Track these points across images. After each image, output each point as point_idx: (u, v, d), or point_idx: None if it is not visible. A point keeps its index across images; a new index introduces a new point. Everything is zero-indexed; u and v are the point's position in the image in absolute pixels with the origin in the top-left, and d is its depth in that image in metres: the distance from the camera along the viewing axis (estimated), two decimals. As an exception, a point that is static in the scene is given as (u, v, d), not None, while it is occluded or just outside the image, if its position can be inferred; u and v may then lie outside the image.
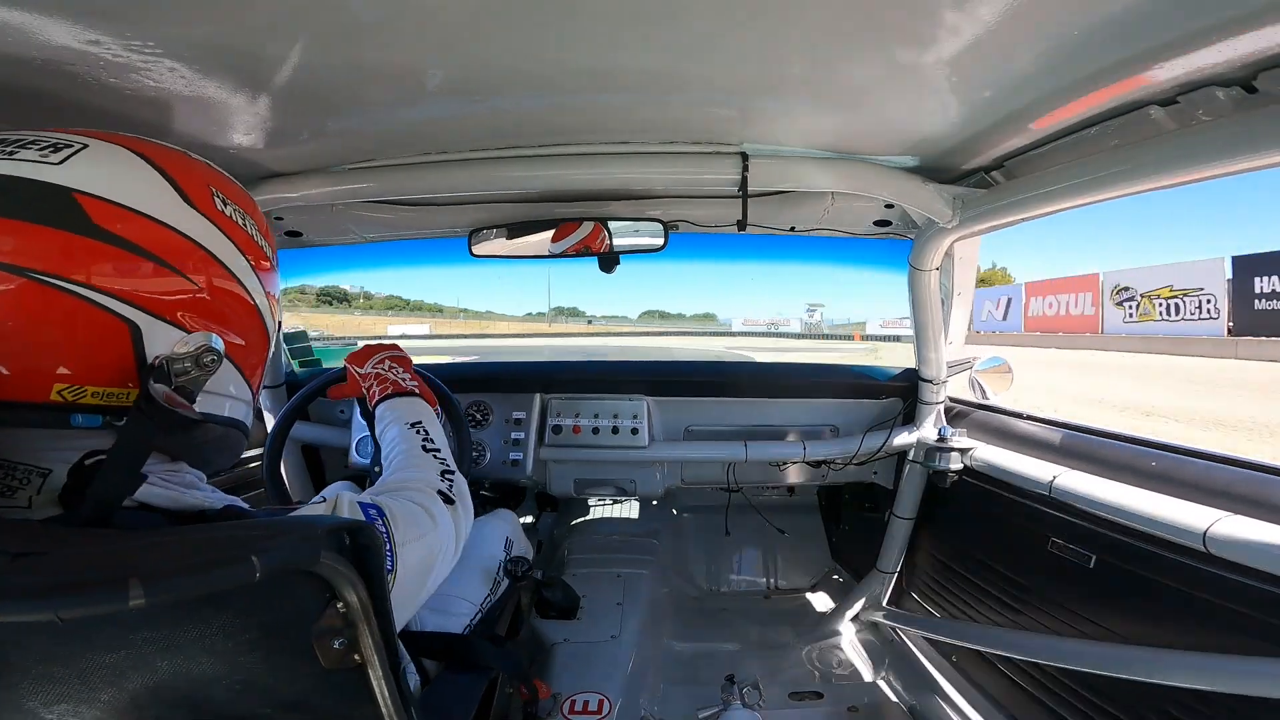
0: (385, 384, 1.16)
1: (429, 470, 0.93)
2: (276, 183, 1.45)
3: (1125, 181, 1.02)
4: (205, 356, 0.59)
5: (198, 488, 0.69)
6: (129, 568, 0.44)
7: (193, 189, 0.64)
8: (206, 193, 0.65)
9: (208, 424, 0.66)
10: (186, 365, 0.59)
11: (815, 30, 0.82)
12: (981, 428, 1.89)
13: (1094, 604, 1.40)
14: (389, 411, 1.10)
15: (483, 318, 59.42)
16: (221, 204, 0.66)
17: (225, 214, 0.66)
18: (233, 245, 0.66)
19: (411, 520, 0.77)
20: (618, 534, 2.71)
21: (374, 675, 0.60)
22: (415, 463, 0.96)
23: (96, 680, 0.53)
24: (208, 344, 0.60)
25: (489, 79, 0.98)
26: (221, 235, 0.65)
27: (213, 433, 0.68)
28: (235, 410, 0.71)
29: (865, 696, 1.93)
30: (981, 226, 1.43)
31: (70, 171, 0.57)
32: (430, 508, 0.83)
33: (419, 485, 0.88)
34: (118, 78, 0.89)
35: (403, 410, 1.08)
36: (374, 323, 51.18)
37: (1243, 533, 1.04)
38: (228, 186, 0.69)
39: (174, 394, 0.59)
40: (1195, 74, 0.84)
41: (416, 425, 1.04)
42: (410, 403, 1.11)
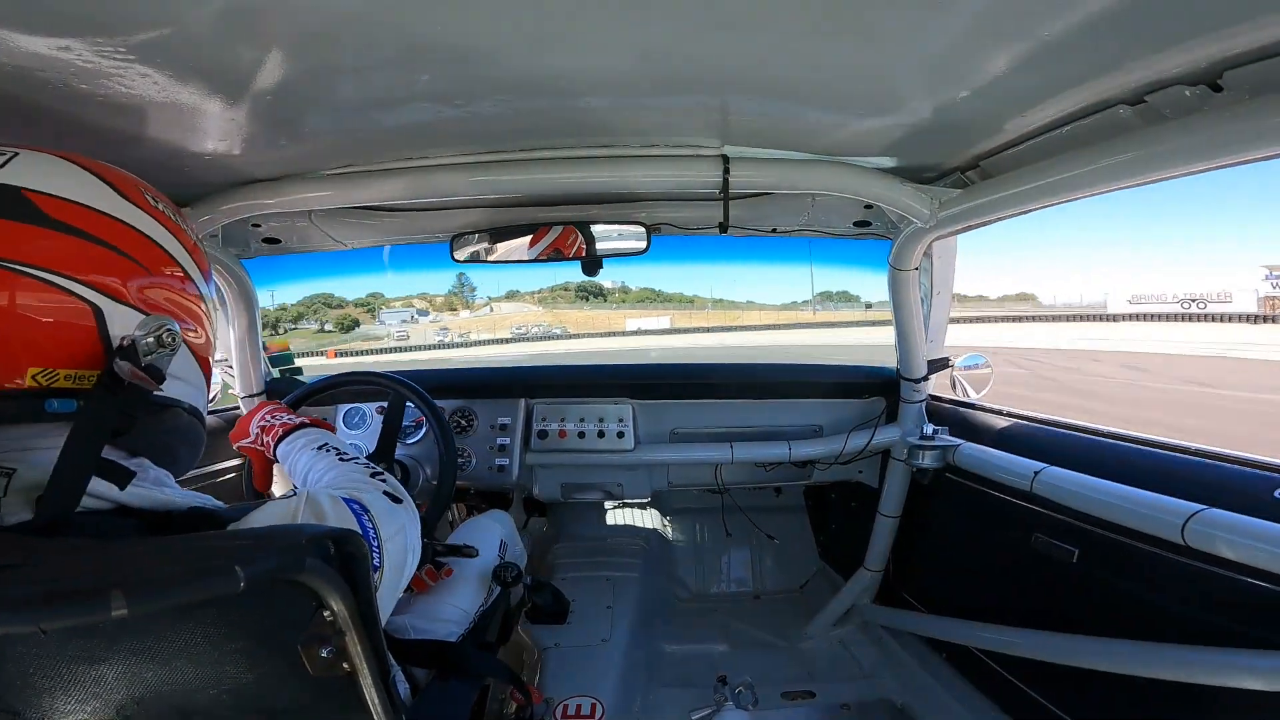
0: (271, 431, 1.16)
1: (359, 475, 0.92)
2: (254, 189, 1.43)
3: (1096, 181, 1.04)
4: (165, 335, 0.62)
5: (166, 485, 0.69)
6: (111, 579, 0.43)
7: (125, 188, 0.67)
8: (138, 191, 0.68)
9: (175, 409, 0.69)
10: (150, 343, 0.61)
11: (794, 33, 0.83)
12: (964, 425, 1.91)
13: (1079, 598, 1.42)
14: (287, 448, 1.10)
15: (741, 308, 57.77)
16: (153, 201, 0.69)
17: (159, 209, 0.69)
18: (173, 238, 0.69)
19: (388, 516, 0.78)
20: (606, 537, 2.71)
21: (363, 683, 0.60)
22: (344, 474, 0.95)
23: (82, 691, 0.52)
24: (165, 324, 0.63)
25: (467, 82, 0.98)
26: (161, 228, 0.68)
27: (179, 420, 0.70)
28: (196, 399, 0.74)
29: (857, 694, 1.94)
30: (958, 226, 1.45)
31: (11, 172, 0.60)
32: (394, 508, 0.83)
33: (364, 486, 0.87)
34: (89, 84, 0.87)
35: (301, 440, 1.08)
36: (621, 316, 51.86)
37: (1219, 526, 1.06)
38: (152, 190, 0.71)
39: (140, 371, 0.61)
40: (1162, 74, 0.86)
41: (323, 447, 1.03)
42: (304, 433, 1.11)
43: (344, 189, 1.42)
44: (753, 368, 2.66)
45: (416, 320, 48.16)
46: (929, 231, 1.53)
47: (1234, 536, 1.03)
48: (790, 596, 2.66)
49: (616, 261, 1.81)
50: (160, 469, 0.71)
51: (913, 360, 1.93)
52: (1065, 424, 1.68)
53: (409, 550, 0.82)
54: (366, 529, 0.71)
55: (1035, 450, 1.59)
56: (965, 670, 1.79)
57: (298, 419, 1.17)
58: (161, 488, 0.67)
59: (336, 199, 1.45)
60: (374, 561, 0.69)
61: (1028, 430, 1.73)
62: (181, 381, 0.70)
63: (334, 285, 45.88)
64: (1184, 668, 1.12)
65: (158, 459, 0.71)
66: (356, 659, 0.59)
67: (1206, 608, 1.14)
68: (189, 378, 0.72)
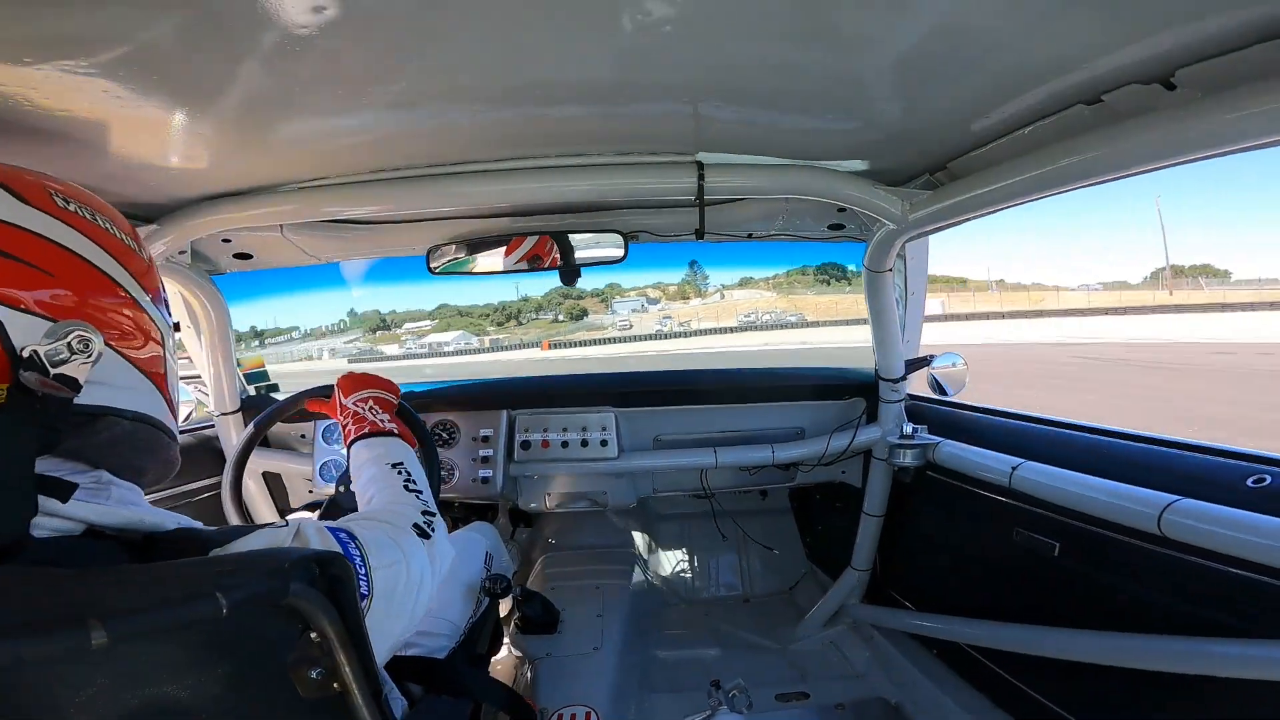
0: (362, 424, 1.16)
1: (408, 507, 0.94)
2: (222, 203, 1.41)
3: (1060, 180, 1.06)
4: (76, 341, 0.58)
5: (134, 503, 0.67)
6: (90, 606, 0.43)
7: (27, 191, 0.63)
8: (44, 194, 0.65)
9: (110, 417, 0.65)
10: (59, 350, 0.57)
11: (763, 39, 0.84)
12: (943, 424, 1.94)
13: (1061, 590, 1.44)
14: (365, 450, 1.10)
15: (1029, 289, 49.61)
16: (64, 202, 0.65)
17: (70, 210, 0.65)
18: (86, 239, 0.66)
19: (380, 547, 0.77)
20: (594, 546, 2.70)
21: (355, 703, 0.60)
22: (395, 499, 0.97)
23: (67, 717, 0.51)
24: (77, 329, 0.58)
25: (440, 93, 0.98)
26: (71, 230, 0.64)
27: (119, 429, 0.67)
28: (138, 403, 0.69)
29: (850, 693, 1.95)
30: (929, 227, 1.48)
31: None
32: (400, 540, 0.83)
33: (391, 519, 0.89)
34: (51, 99, 0.86)
35: (382, 450, 1.09)
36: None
37: (1194, 515, 1.08)
38: (70, 190, 0.68)
39: (49, 380, 0.57)
40: (1116, 72, 0.88)
41: (398, 466, 1.04)
42: (389, 443, 1.12)
43: (316, 202, 1.40)
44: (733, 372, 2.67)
45: (646, 309, 46.19)
46: (901, 233, 1.55)
47: (1208, 526, 1.05)
48: (779, 599, 2.67)
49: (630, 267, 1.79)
50: (125, 483, 0.68)
51: (891, 360, 1.96)
52: (1042, 419, 1.70)
53: (414, 584, 0.80)
54: (353, 557, 0.70)
55: (1013, 446, 1.61)
56: (956, 666, 1.81)
57: (389, 423, 1.17)
58: (128, 505, 0.65)
59: (308, 212, 1.43)
60: (361, 589, 0.67)
61: (1005, 426, 1.76)
62: (112, 387, 0.66)
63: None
64: (1164, 657, 1.14)
65: (118, 472, 0.68)
66: (347, 679, 0.59)
67: (1184, 597, 1.16)
68: (122, 382, 0.68)
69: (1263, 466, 1.11)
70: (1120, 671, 1.23)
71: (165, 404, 0.74)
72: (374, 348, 22.60)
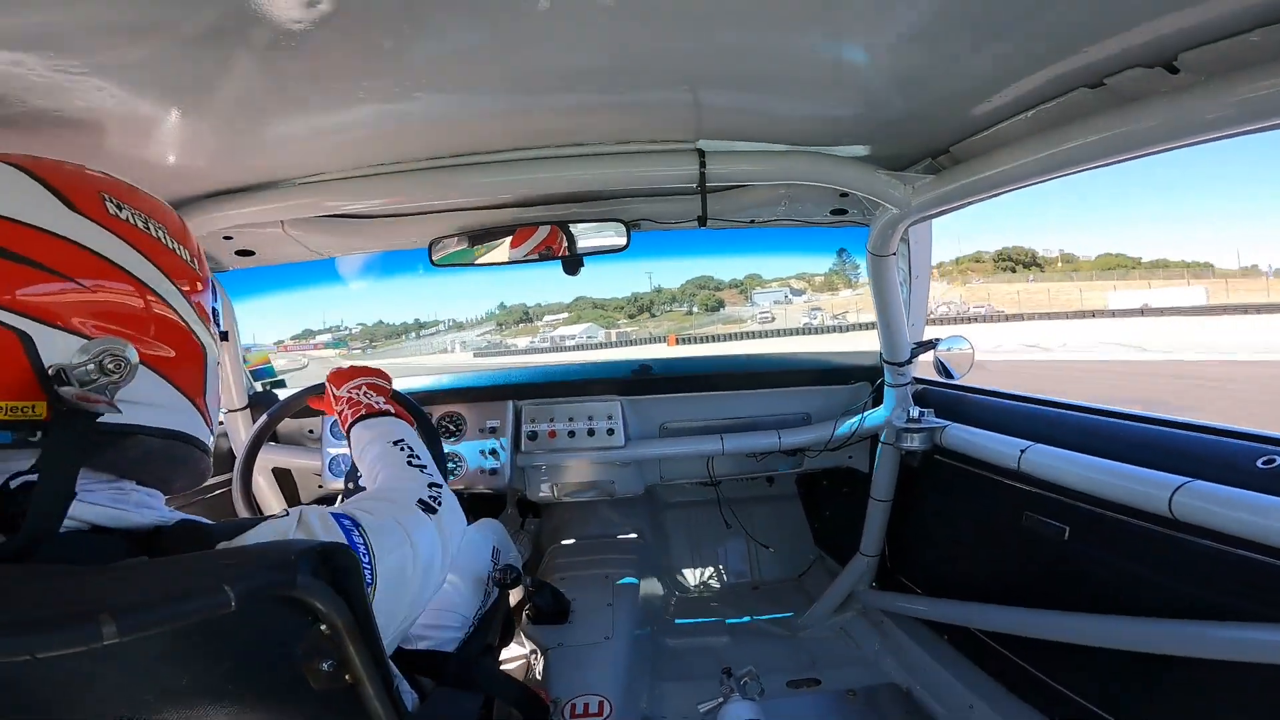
0: (357, 407, 1.16)
1: (413, 483, 0.93)
2: (223, 200, 1.41)
3: (1062, 164, 1.05)
4: (108, 361, 0.57)
5: (151, 507, 0.67)
6: (99, 602, 0.43)
7: (79, 197, 0.62)
8: (96, 200, 0.63)
9: (140, 436, 0.64)
10: (89, 371, 0.56)
11: (762, 25, 0.83)
12: (950, 407, 1.93)
13: (1072, 574, 1.44)
14: (365, 432, 1.10)
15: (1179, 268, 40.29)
16: (115, 209, 0.64)
17: (120, 218, 0.64)
18: (133, 250, 0.64)
19: (384, 532, 0.77)
20: (602, 535, 2.71)
21: (367, 694, 0.60)
22: (399, 477, 0.96)
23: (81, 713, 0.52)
24: (110, 349, 0.57)
25: (434, 84, 0.97)
26: (117, 239, 0.63)
27: (149, 446, 0.66)
28: (171, 420, 0.68)
29: (861, 679, 1.96)
30: (933, 211, 1.46)
31: None
32: (405, 519, 0.83)
33: (396, 497, 0.88)
34: (45, 99, 0.86)
35: (381, 430, 1.08)
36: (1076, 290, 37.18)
37: (1205, 497, 1.07)
38: (127, 194, 0.67)
39: (87, 394, 0.57)
40: (1119, 56, 0.87)
41: (399, 443, 1.04)
42: (386, 422, 1.12)
43: (317, 197, 1.40)
44: (738, 360, 2.67)
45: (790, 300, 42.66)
46: (904, 217, 1.54)
47: (1220, 508, 1.04)
48: (789, 585, 2.68)
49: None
50: (146, 490, 0.68)
51: (896, 344, 1.95)
52: (1050, 401, 1.69)
53: (422, 565, 0.80)
54: (356, 545, 0.70)
55: (1021, 429, 1.60)
56: (967, 651, 1.81)
57: (384, 404, 1.17)
58: (142, 509, 0.65)
59: (309, 208, 1.43)
60: (366, 578, 0.67)
61: (1013, 409, 1.75)
62: (144, 406, 0.64)
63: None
64: (1175, 641, 1.14)
65: (144, 482, 0.68)
66: (358, 670, 0.59)
67: (1196, 580, 1.15)
68: (156, 400, 0.66)
69: (1273, 448, 1.10)
70: (1131, 655, 1.23)
71: (201, 419, 0.73)
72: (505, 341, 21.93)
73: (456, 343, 24.70)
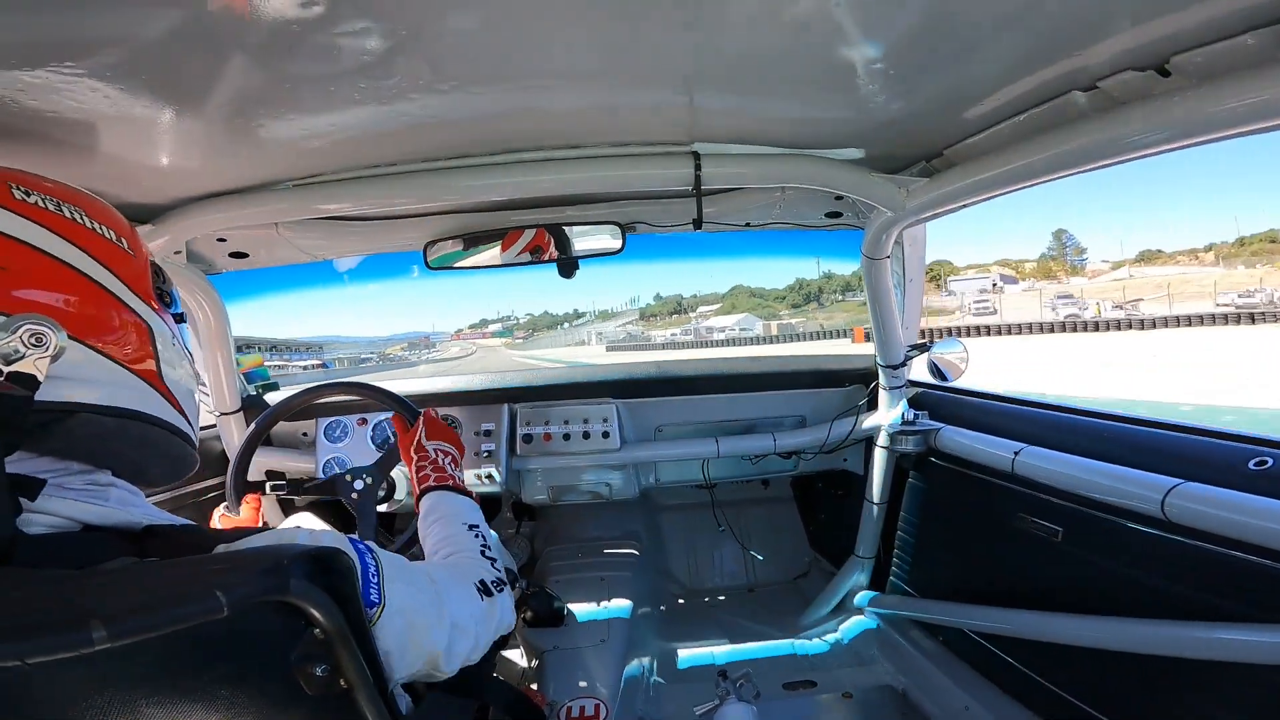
0: (442, 474, 1.17)
1: (480, 567, 0.94)
2: (216, 202, 1.40)
3: (1056, 166, 1.06)
4: (29, 336, 0.56)
5: (135, 505, 0.66)
6: (90, 608, 0.43)
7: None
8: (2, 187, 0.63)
9: (85, 415, 0.63)
10: (14, 347, 0.55)
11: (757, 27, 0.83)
12: (945, 409, 1.94)
13: (1066, 576, 1.44)
14: (443, 504, 1.10)
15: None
16: (23, 195, 0.64)
17: (29, 203, 0.64)
18: (47, 231, 0.63)
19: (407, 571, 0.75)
20: (598, 538, 2.71)
21: (362, 699, 0.60)
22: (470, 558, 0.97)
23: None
24: (29, 323, 0.56)
25: (428, 86, 0.97)
26: (25, 221, 0.62)
27: (102, 426, 0.64)
28: (120, 398, 0.66)
29: (857, 681, 1.96)
30: (926, 214, 1.47)
31: None
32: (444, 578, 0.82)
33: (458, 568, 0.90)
34: (39, 99, 0.85)
35: (459, 508, 1.09)
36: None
37: (1198, 499, 1.07)
38: (34, 182, 0.67)
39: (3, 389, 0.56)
40: (1111, 59, 0.88)
41: (475, 528, 1.04)
42: (464, 501, 1.12)
43: (310, 200, 1.40)
44: (734, 362, 2.68)
45: (1001, 289, 37.94)
46: (898, 220, 1.55)
47: (1212, 509, 1.05)
48: (784, 588, 2.68)
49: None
50: (126, 484, 0.67)
51: (890, 346, 1.96)
52: (1044, 403, 1.70)
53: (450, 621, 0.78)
54: (367, 564, 0.68)
55: (1015, 431, 1.61)
56: (962, 652, 1.82)
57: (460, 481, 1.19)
58: (127, 507, 0.65)
59: (303, 210, 1.43)
60: (372, 597, 0.66)
61: (1007, 411, 1.76)
62: (85, 383, 0.63)
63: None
64: (1168, 642, 1.15)
65: (120, 472, 0.67)
66: (352, 675, 0.59)
67: (1190, 582, 1.16)
68: (98, 378, 0.64)
69: (1265, 449, 1.11)
70: (1126, 656, 1.23)
71: (164, 399, 0.71)
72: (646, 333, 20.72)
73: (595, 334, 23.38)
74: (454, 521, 1.04)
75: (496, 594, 0.90)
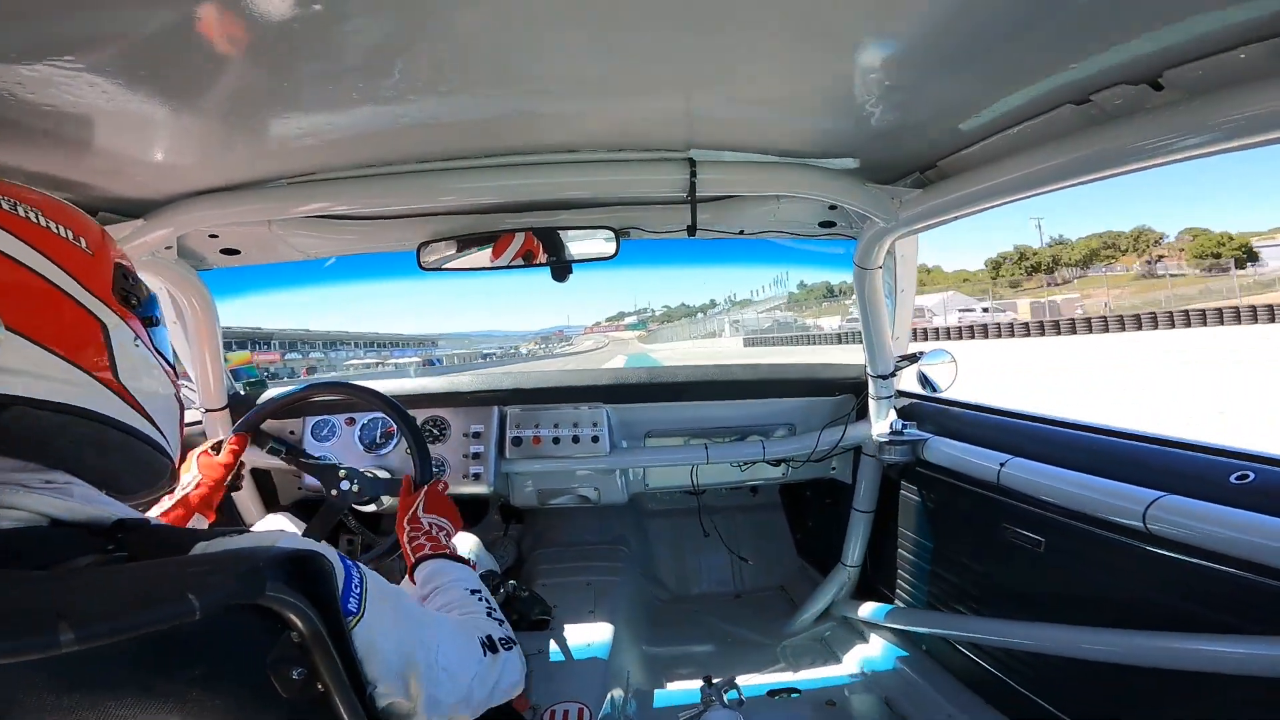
0: (437, 544, 1.17)
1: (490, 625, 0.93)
2: (209, 198, 1.39)
3: (1048, 179, 1.08)
4: None
5: (101, 500, 0.64)
6: (56, 609, 0.42)
7: None
8: None
9: (20, 407, 0.60)
10: None
11: (756, 36, 0.84)
12: (932, 420, 1.95)
13: (1049, 586, 1.45)
14: (439, 576, 1.08)
15: None
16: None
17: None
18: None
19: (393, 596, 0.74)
20: (585, 542, 2.70)
21: (339, 702, 0.59)
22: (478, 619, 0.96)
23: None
24: None
25: (425, 86, 0.97)
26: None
27: (41, 421, 0.62)
28: (63, 394, 0.63)
29: (842, 690, 1.96)
30: (919, 225, 1.48)
31: None
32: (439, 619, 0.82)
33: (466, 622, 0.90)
34: (36, 93, 0.85)
35: (458, 575, 1.08)
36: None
37: (1179, 512, 1.08)
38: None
39: None
40: (1104, 73, 0.89)
41: (478, 593, 1.03)
42: (464, 570, 1.11)
43: (304, 198, 1.39)
44: (724, 369, 2.68)
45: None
46: (891, 231, 1.56)
47: (1193, 522, 1.06)
48: (771, 595, 2.68)
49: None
50: (86, 485, 0.65)
51: (880, 356, 1.97)
52: (1030, 415, 1.72)
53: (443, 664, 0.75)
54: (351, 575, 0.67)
55: (1001, 442, 1.62)
56: (946, 662, 1.82)
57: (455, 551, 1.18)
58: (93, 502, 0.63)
59: (296, 208, 1.42)
60: (350, 606, 0.65)
61: (994, 422, 1.77)
62: (20, 375, 0.60)
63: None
64: (1150, 653, 1.15)
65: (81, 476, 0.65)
66: (329, 678, 0.58)
67: (1170, 593, 1.17)
68: (39, 371, 0.62)
69: (1246, 463, 1.12)
70: (1107, 667, 1.24)
71: (124, 403, 0.68)
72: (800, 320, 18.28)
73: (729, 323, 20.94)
74: (455, 588, 1.03)
75: (503, 651, 0.88)
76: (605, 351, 54.95)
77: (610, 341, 25.03)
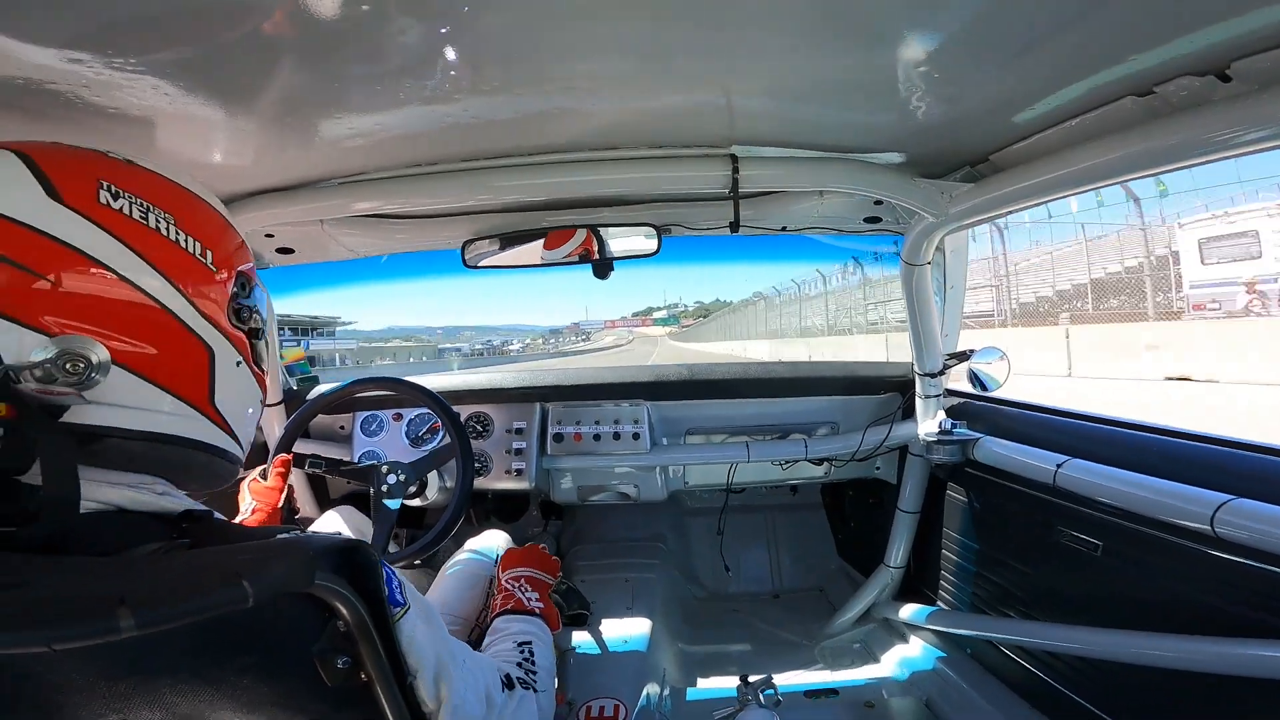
0: (509, 599, 1.17)
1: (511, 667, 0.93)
2: (265, 198, 1.45)
3: (1107, 173, 1.03)
4: (66, 362, 0.53)
5: (172, 493, 0.65)
6: (119, 595, 0.43)
7: (68, 184, 0.57)
8: (87, 187, 0.58)
9: (115, 439, 0.59)
10: (48, 371, 0.53)
11: (798, 30, 0.83)
12: (983, 419, 1.89)
13: (1105, 590, 1.40)
14: (504, 626, 1.10)
15: None
16: (109, 197, 0.59)
17: (112, 208, 0.59)
18: (116, 241, 0.58)
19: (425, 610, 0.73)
20: (624, 539, 2.71)
21: (382, 691, 0.61)
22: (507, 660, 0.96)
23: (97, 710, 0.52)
24: (70, 348, 0.54)
25: (470, 86, 0.99)
26: (98, 230, 0.57)
27: (130, 450, 0.60)
28: (155, 423, 0.61)
29: (881, 692, 1.93)
30: (970, 220, 1.44)
31: None
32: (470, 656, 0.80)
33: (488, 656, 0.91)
34: (101, 96, 0.89)
35: (519, 628, 1.09)
36: None
37: (1251, 516, 1.03)
38: (128, 179, 0.62)
39: (50, 390, 0.54)
40: (1169, 64, 0.85)
41: (524, 645, 1.03)
42: (527, 621, 1.12)
43: (355, 197, 1.43)
44: (767, 367, 2.66)
45: None
46: (940, 226, 1.52)
47: (1266, 527, 1.00)
48: (810, 595, 2.65)
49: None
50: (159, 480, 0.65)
51: (929, 354, 1.92)
52: (1086, 415, 1.65)
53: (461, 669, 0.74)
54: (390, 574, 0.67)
55: (1056, 442, 1.56)
56: (992, 666, 1.77)
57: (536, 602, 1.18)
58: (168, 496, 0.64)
59: (348, 207, 1.47)
60: (397, 598, 0.65)
61: (1048, 422, 1.71)
62: (118, 407, 0.59)
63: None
64: (1211, 660, 1.10)
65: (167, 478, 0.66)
66: (372, 668, 0.60)
67: (1238, 600, 1.11)
68: (131, 402, 0.60)
69: None
70: (1164, 673, 1.19)
71: (211, 422, 0.67)
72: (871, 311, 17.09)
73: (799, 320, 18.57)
74: (508, 639, 1.05)
75: (520, 690, 0.88)
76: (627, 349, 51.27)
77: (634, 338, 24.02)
